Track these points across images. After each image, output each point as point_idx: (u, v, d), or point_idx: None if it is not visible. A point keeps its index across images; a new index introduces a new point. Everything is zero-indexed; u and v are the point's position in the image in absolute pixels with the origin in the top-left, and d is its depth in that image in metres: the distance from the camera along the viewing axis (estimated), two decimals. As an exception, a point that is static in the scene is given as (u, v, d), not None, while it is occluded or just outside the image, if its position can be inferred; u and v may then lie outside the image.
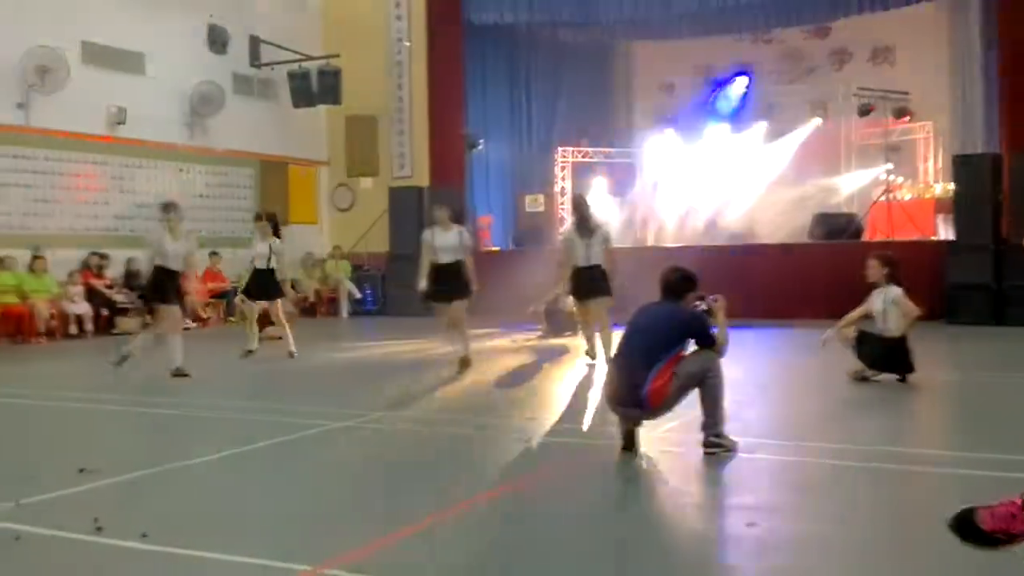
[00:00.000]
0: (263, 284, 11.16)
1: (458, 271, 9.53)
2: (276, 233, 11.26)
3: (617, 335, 6.38)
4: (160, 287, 9.52)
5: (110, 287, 15.13)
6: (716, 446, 5.49)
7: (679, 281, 5.73)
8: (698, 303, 5.80)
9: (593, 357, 9.95)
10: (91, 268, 15.01)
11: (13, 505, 4.61)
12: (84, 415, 7.83)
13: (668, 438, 5.96)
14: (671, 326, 5.58)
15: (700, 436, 5.55)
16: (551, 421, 6.89)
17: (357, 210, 19.62)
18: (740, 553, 3.93)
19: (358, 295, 18.28)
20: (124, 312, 15.11)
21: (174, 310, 9.60)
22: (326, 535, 4.20)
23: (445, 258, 9.52)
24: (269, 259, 11.09)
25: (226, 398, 8.58)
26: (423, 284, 9.63)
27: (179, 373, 9.39)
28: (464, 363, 9.43)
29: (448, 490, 4.96)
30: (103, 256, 15.28)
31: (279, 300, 11.25)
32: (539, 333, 13.30)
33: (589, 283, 9.84)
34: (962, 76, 18.93)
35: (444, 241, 9.54)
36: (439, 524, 4.32)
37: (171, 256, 9.48)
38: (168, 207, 9.83)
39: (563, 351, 11.41)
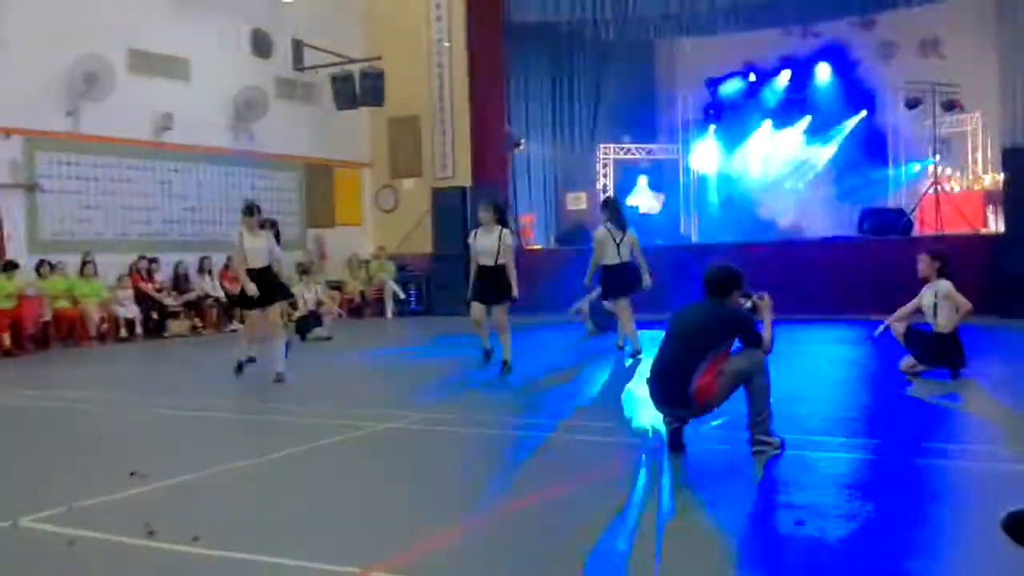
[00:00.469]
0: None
1: (496, 274, 9.35)
2: (278, 239, 10.78)
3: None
4: (241, 291, 9.46)
5: (159, 291, 15.34)
6: (763, 444, 5.43)
7: (724, 279, 5.64)
8: (743, 300, 5.73)
9: (638, 352, 9.93)
10: (140, 272, 15.23)
11: (66, 509, 4.68)
12: (134, 418, 7.94)
13: (715, 435, 5.91)
14: (717, 324, 5.52)
15: (747, 434, 5.49)
16: (597, 420, 6.86)
17: (400, 211, 19.72)
18: (789, 552, 3.88)
19: (402, 295, 18.37)
20: (174, 315, 15.33)
21: (253, 314, 9.57)
22: (373, 537, 4.22)
23: (485, 260, 9.42)
24: None
25: (269, 400, 8.64)
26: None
27: (277, 379, 9.19)
28: (505, 366, 9.35)
29: (492, 492, 4.96)
30: (152, 260, 15.50)
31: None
32: (587, 332, 13.27)
33: (621, 280, 10.21)
34: (1011, 67, 18.56)
35: (484, 244, 9.44)
36: (484, 526, 4.31)
37: (250, 254, 9.39)
38: (246, 210, 9.72)
39: (608, 349, 11.37)
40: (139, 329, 14.70)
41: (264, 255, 9.46)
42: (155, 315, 15.10)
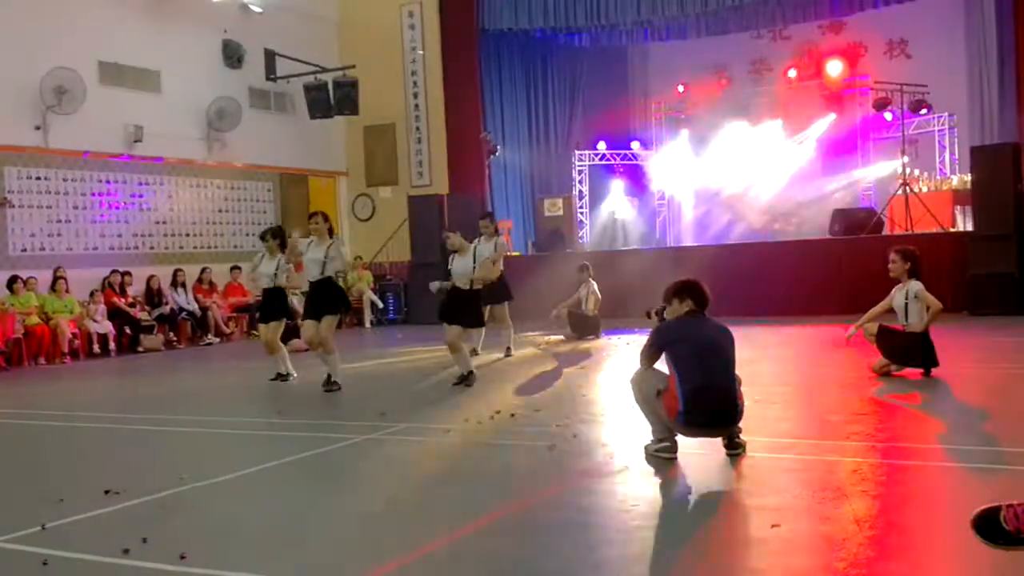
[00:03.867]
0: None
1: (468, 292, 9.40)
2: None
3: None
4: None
5: (132, 305, 15.23)
6: (738, 446, 5.53)
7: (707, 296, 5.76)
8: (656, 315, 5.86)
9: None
10: (113, 287, 15.12)
11: (39, 529, 4.63)
12: (107, 435, 7.88)
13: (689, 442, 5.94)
14: (731, 339, 5.65)
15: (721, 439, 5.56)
16: (579, 426, 6.87)
17: (377, 220, 19.69)
18: (765, 555, 3.91)
19: (380, 305, 18.32)
20: (148, 330, 15.21)
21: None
22: (360, 550, 4.22)
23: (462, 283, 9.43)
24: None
25: (249, 414, 8.61)
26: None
27: (328, 387, 9.35)
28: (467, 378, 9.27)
29: (477, 501, 4.96)
30: (125, 274, 15.39)
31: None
32: (563, 337, 13.33)
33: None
34: (979, 67, 18.81)
35: (461, 265, 9.46)
36: (471, 536, 4.32)
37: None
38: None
39: (587, 354, 11.41)
40: (112, 344, 14.58)
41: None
42: (128, 330, 14.98)
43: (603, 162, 22.29)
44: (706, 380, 5.41)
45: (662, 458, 5.51)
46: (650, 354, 5.73)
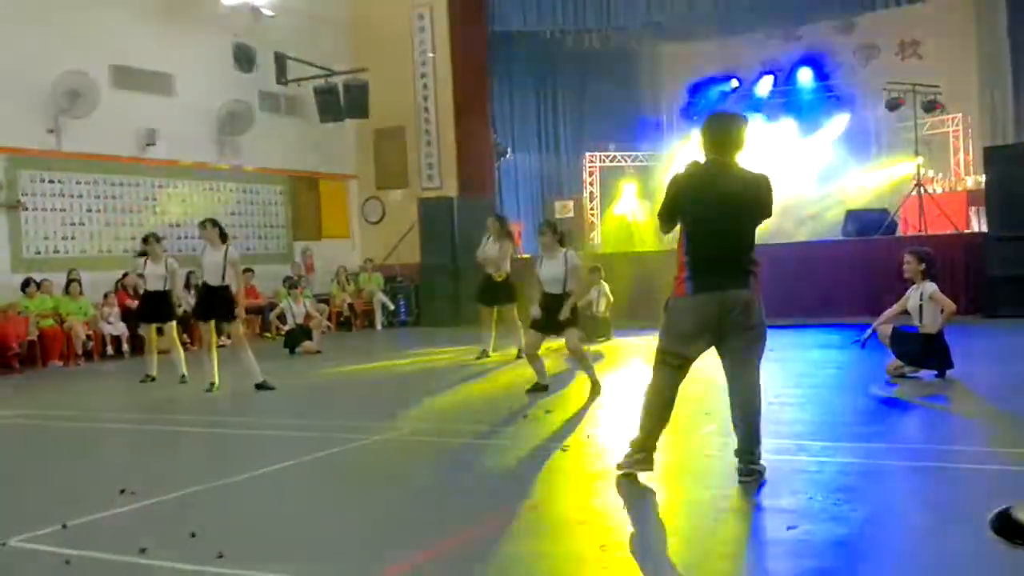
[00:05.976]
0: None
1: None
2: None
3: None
4: (198, 303, 10.13)
5: (146, 307, 15.24)
6: (752, 472, 5.16)
7: None
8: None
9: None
10: (126, 289, 15.17)
11: (60, 527, 4.66)
12: (122, 435, 7.92)
13: (708, 442, 5.94)
14: (756, 193, 5.24)
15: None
16: (591, 427, 6.87)
17: (388, 222, 19.72)
18: (781, 556, 3.90)
19: (391, 307, 18.36)
20: (160, 332, 15.21)
21: (207, 327, 10.02)
22: (375, 548, 4.22)
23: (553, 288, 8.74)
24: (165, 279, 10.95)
25: (262, 415, 8.63)
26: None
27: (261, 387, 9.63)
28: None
29: (491, 501, 4.97)
30: (138, 276, 15.41)
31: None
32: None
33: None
34: (991, 67, 18.74)
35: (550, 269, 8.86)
36: (486, 536, 4.33)
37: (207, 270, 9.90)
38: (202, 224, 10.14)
39: (598, 356, 11.39)
40: (126, 346, 14.63)
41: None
42: (141, 331, 14.99)
43: (614, 164, 22.29)
44: (711, 251, 4.94)
45: (633, 472, 5.15)
46: (666, 218, 5.15)
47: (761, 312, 5.00)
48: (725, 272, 4.89)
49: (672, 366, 5.07)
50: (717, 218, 4.93)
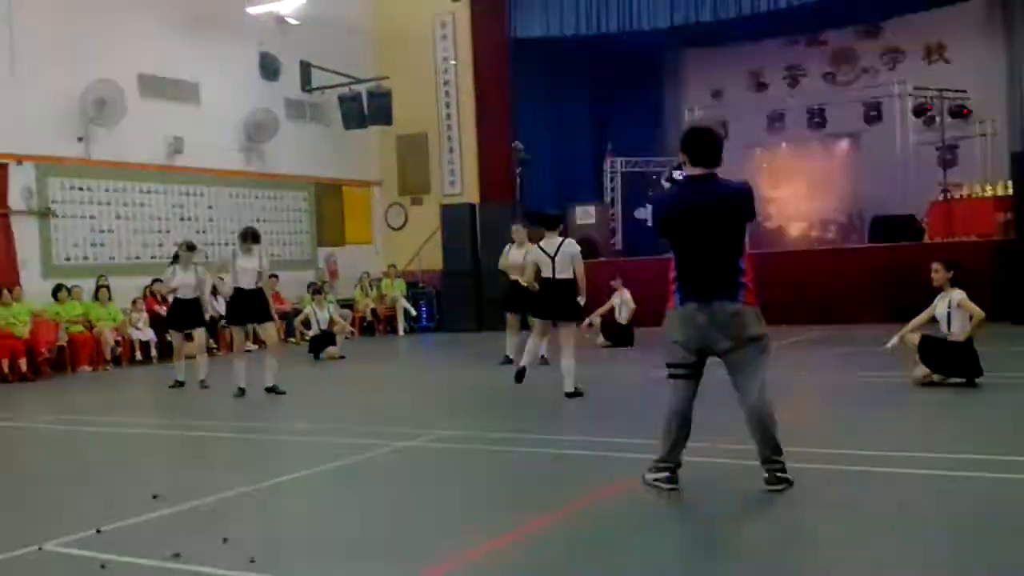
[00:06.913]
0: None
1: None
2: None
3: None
4: (231, 307, 10.30)
5: (173, 313, 15.37)
6: (780, 481, 5.09)
7: None
8: None
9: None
10: (155, 295, 15.31)
11: (94, 532, 4.72)
12: (151, 441, 7.99)
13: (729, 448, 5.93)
14: (738, 203, 5.15)
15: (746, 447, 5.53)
16: (617, 434, 6.87)
17: (410, 228, 19.80)
18: (798, 557, 3.90)
19: (414, 312, 18.43)
20: (188, 337, 15.33)
21: (240, 331, 10.30)
22: (406, 553, 4.25)
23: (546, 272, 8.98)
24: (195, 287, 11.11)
25: (290, 421, 8.68)
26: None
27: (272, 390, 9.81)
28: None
29: (517, 507, 4.99)
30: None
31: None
32: (597, 345, 13.32)
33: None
34: (1019, 72, 18.57)
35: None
36: (513, 542, 4.35)
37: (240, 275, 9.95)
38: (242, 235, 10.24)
39: (623, 362, 11.40)
40: (154, 352, 14.76)
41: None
42: (169, 337, 15.11)
43: (636, 169, 22.24)
44: (696, 267, 4.96)
45: (660, 488, 5.07)
46: (661, 235, 5.17)
47: (758, 323, 4.98)
48: (711, 285, 4.94)
49: (681, 376, 5.09)
50: (698, 235, 4.99)
